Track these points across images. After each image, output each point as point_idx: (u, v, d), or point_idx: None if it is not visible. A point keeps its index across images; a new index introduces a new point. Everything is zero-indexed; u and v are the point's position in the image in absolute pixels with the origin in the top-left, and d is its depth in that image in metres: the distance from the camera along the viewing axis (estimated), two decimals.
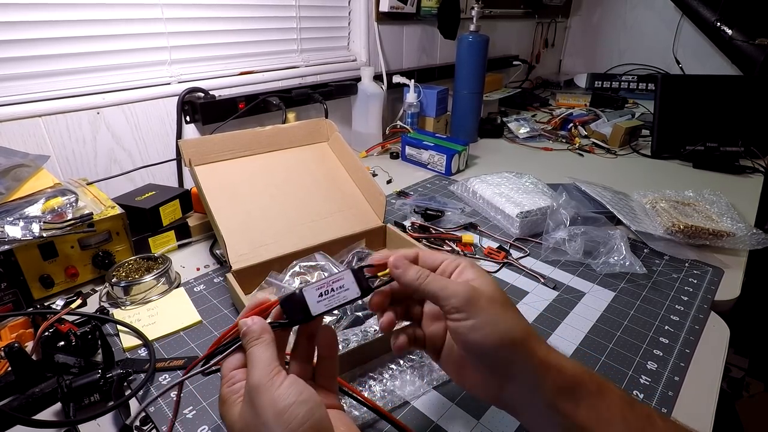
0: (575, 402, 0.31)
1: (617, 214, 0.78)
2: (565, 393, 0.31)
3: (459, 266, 0.36)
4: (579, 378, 0.32)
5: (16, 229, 0.57)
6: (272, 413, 0.27)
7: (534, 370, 0.31)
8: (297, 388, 0.29)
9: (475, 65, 1.24)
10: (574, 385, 0.31)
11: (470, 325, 0.32)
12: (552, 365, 0.31)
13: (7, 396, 0.44)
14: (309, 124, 0.82)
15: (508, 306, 0.33)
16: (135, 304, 0.61)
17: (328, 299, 0.34)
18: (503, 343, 0.31)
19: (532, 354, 0.31)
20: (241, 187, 0.70)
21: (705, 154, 1.16)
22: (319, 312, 0.34)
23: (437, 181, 1.06)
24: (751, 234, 0.73)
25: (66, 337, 0.48)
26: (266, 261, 0.62)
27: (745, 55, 1.65)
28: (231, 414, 0.30)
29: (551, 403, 0.31)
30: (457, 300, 0.32)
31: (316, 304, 0.34)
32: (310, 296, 0.34)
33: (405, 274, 0.35)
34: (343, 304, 0.34)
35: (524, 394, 0.32)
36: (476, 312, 0.32)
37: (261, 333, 0.32)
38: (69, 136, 0.80)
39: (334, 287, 0.34)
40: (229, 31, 0.99)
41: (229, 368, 0.32)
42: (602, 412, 0.31)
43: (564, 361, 0.32)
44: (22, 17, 0.72)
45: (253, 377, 0.29)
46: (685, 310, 0.61)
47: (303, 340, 0.36)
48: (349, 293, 0.35)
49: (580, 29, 2.29)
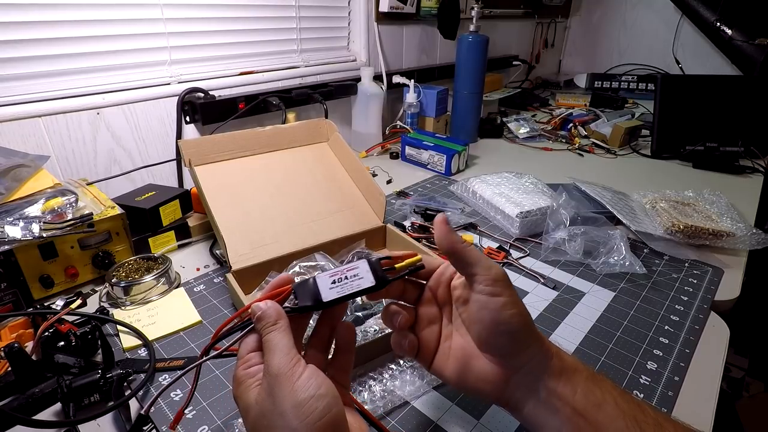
0: (573, 387, 0.32)
1: (617, 214, 0.78)
2: (565, 378, 0.32)
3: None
4: (575, 365, 0.34)
5: (16, 229, 0.57)
6: (291, 404, 0.27)
7: (543, 354, 0.33)
8: (317, 380, 0.29)
9: (475, 65, 1.24)
10: (572, 371, 0.33)
11: (503, 302, 0.33)
12: (553, 352, 0.34)
13: (7, 396, 0.44)
14: (309, 124, 0.82)
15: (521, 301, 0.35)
16: (135, 305, 0.61)
17: (340, 287, 0.34)
18: (526, 325, 0.33)
19: (543, 340, 0.33)
20: (240, 187, 0.70)
21: (705, 154, 1.16)
22: (330, 299, 0.33)
23: (437, 181, 1.06)
24: (750, 234, 0.73)
25: (66, 337, 0.48)
26: (266, 261, 0.62)
27: (744, 55, 1.65)
28: (247, 397, 0.30)
29: (552, 389, 0.32)
30: (493, 273, 0.33)
31: (328, 291, 0.33)
32: (322, 283, 0.33)
33: (449, 236, 0.35)
34: (356, 293, 0.34)
35: (528, 383, 0.33)
36: (506, 290, 0.33)
37: (277, 318, 0.31)
38: (69, 136, 0.80)
39: (348, 275, 0.34)
40: (229, 32, 0.99)
41: (246, 349, 0.32)
42: (597, 395, 0.32)
43: (561, 351, 0.34)
44: (22, 17, 0.72)
45: (273, 365, 0.29)
46: (685, 310, 0.61)
47: (323, 329, 0.35)
48: (363, 282, 0.34)
49: (580, 29, 2.29)
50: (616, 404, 0.31)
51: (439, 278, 0.38)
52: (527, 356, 0.33)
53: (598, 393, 0.32)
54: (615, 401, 0.32)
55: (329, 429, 0.28)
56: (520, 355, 0.33)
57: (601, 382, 0.33)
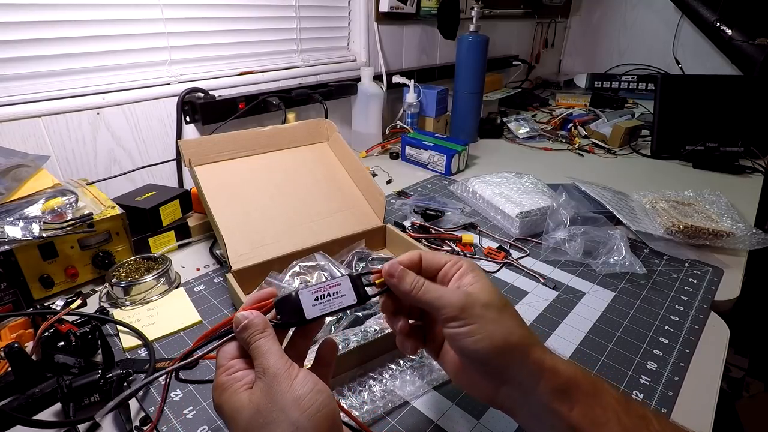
0: (570, 404, 0.31)
1: (617, 214, 0.78)
2: (560, 395, 0.31)
3: (459, 270, 0.36)
4: (574, 379, 0.32)
5: (16, 229, 0.57)
6: (291, 399, 0.28)
7: (528, 374, 0.32)
8: (313, 378, 0.30)
9: (475, 65, 1.24)
10: (569, 386, 0.31)
11: (465, 332, 0.32)
12: (546, 368, 0.32)
13: (7, 396, 0.44)
14: (309, 124, 0.82)
15: (505, 311, 0.33)
16: (135, 305, 0.61)
17: (323, 304, 0.34)
18: (497, 351, 0.32)
19: (527, 359, 0.32)
20: (240, 187, 0.70)
21: (705, 154, 1.16)
22: (313, 316, 0.33)
23: (437, 181, 1.06)
24: (750, 234, 0.73)
25: (66, 337, 0.48)
26: (266, 261, 0.62)
27: (744, 55, 1.65)
28: (236, 400, 0.30)
29: (546, 404, 0.31)
30: (451, 309, 0.33)
31: (311, 308, 0.34)
32: (305, 299, 0.34)
33: (400, 283, 0.35)
34: (338, 310, 0.34)
35: (519, 397, 0.33)
36: (471, 320, 0.32)
37: (264, 326, 0.32)
38: (69, 136, 0.80)
39: (330, 292, 0.34)
40: (229, 32, 0.99)
41: (227, 357, 0.32)
42: (597, 413, 0.31)
43: (559, 363, 0.32)
44: (22, 17, 0.72)
45: (270, 366, 0.30)
46: (685, 310, 0.61)
47: (300, 342, 0.36)
48: (346, 300, 0.35)
49: (580, 29, 2.29)
50: (619, 421, 0.30)
51: (443, 278, 0.37)
52: (511, 374, 0.32)
53: (599, 411, 0.31)
54: (618, 418, 0.30)
55: (328, 421, 0.29)
56: (502, 374, 0.33)
57: (603, 397, 0.31)
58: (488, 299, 0.33)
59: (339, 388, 0.46)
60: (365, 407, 0.44)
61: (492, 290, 0.34)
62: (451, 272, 0.36)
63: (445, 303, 0.33)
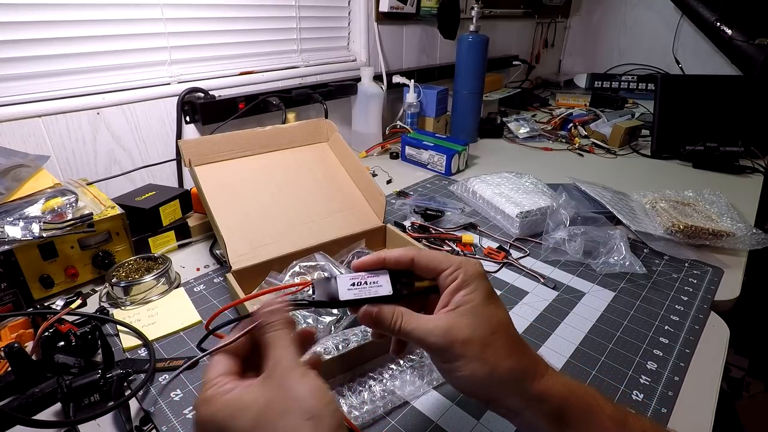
0: (561, 428, 0.31)
1: (617, 214, 0.78)
2: (551, 419, 0.31)
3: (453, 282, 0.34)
4: (565, 403, 0.32)
5: (16, 229, 0.57)
6: (307, 389, 0.28)
7: (516, 404, 0.32)
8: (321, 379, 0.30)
9: (474, 65, 1.24)
10: (560, 412, 0.31)
11: (446, 368, 0.33)
12: (535, 397, 0.31)
13: (7, 396, 0.44)
14: (309, 124, 0.82)
15: (491, 343, 0.32)
16: (135, 305, 0.61)
17: (358, 290, 0.35)
18: (481, 386, 0.32)
19: (514, 391, 0.32)
20: (240, 187, 0.70)
21: (705, 154, 1.16)
22: (347, 299, 0.34)
23: (437, 181, 1.06)
24: (750, 234, 0.73)
25: (66, 337, 0.48)
26: (266, 261, 0.62)
27: (744, 55, 1.65)
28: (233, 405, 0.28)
29: (537, 425, 0.32)
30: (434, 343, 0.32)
31: (346, 291, 0.35)
32: (342, 283, 0.35)
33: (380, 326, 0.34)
34: (372, 298, 0.35)
35: (510, 415, 0.34)
36: (452, 357, 0.32)
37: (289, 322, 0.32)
38: (69, 136, 0.80)
39: (368, 281, 0.35)
40: (229, 32, 0.99)
41: (215, 373, 0.30)
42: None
43: (550, 387, 0.32)
44: (22, 17, 0.72)
45: (287, 357, 0.29)
46: (685, 310, 0.61)
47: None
48: (381, 290, 0.35)
49: (580, 29, 2.29)
50: None
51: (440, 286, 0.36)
52: (498, 403, 0.33)
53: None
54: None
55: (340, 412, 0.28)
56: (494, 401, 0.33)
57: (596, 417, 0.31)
58: (468, 336, 0.32)
59: (339, 388, 0.46)
60: (365, 407, 0.44)
61: (477, 321, 0.33)
62: (446, 284, 0.34)
63: (425, 339, 0.33)
